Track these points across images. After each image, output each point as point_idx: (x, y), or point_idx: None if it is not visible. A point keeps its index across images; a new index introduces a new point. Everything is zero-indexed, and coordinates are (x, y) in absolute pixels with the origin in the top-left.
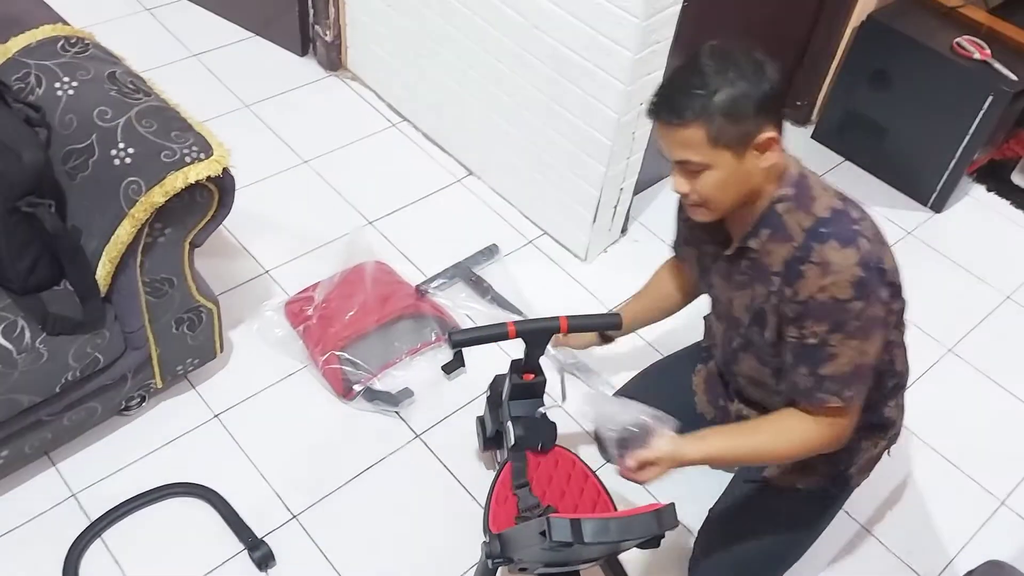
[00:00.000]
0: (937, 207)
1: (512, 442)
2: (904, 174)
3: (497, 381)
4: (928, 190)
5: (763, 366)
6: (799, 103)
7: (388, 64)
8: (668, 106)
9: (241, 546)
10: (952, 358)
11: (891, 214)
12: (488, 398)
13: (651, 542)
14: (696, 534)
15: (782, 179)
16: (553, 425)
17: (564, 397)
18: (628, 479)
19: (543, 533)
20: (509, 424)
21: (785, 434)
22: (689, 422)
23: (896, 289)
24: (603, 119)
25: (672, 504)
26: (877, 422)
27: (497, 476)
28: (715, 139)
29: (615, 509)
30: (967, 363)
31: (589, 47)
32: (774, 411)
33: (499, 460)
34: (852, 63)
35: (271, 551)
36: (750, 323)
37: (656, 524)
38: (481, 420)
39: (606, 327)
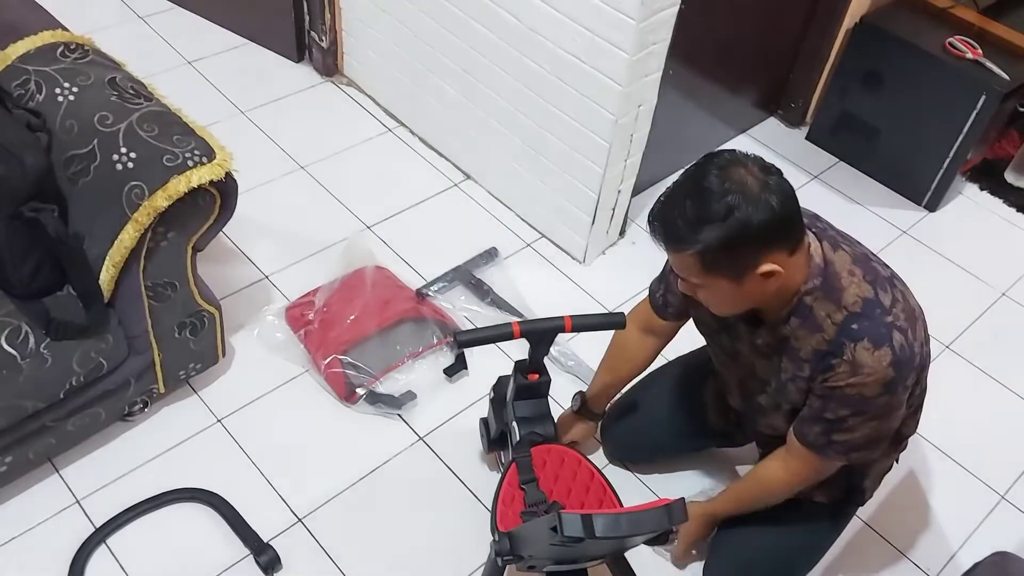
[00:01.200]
0: (931, 206)
1: (517, 439)
2: (898, 174)
3: (501, 382)
4: (922, 189)
5: (789, 424)
6: (793, 105)
7: (384, 69)
8: (661, 230)
9: (247, 551)
10: (949, 355)
11: (886, 214)
12: (491, 399)
13: (660, 538)
14: (710, 538)
15: (807, 270)
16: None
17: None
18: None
19: (554, 528)
20: (514, 424)
21: (772, 487)
22: (705, 436)
23: (924, 365)
24: (600, 121)
25: (682, 499)
26: (894, 439)
27: (503, 476)
28: (709, 267)
29: (621, 506)
30: (965, 360)
31: (586, 49)
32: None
33: (503, 461)
34: (845, 65)
35: (277, 555)
36: (776, 387)
37: (667, 518)
38: (485, 421)
39: (610, 326)
